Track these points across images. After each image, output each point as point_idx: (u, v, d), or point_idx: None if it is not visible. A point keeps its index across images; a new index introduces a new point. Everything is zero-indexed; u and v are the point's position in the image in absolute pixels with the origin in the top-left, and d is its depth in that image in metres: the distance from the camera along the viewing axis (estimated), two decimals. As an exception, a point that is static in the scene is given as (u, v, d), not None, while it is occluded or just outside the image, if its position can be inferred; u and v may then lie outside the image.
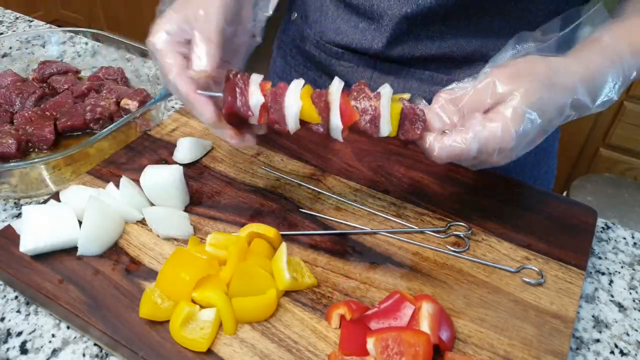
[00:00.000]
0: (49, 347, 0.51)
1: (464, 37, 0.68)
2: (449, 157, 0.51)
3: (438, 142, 0.51)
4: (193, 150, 0.69)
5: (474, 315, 0.52)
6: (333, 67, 0.78)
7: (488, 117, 0.50)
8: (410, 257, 0.58)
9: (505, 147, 0.49)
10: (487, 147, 0.49)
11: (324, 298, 0.53)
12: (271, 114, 0.53)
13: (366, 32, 0.71)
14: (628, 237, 0.67)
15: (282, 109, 0.53)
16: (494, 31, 0.68)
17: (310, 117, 0.53)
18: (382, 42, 0.70)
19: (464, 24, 0.67)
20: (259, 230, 0.57)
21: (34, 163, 0.62)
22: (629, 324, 0.57)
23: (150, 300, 0.49)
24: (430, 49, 0.69)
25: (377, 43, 0.70)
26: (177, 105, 0.87)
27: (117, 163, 0.68)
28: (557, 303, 0.53)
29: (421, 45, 0.69)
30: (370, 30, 0.71)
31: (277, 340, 0.49)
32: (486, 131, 0.49)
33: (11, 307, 0.55)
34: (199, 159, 0.70)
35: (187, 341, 0.47)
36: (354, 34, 0.73)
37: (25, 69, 0.87)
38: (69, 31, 0.92)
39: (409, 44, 0.70)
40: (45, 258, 0.55)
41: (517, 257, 0.58)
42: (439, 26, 0.67)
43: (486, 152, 0.50)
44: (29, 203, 0.67)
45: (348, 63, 0.77)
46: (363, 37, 0.72)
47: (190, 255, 0.53)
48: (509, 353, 0.49)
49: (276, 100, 0.53)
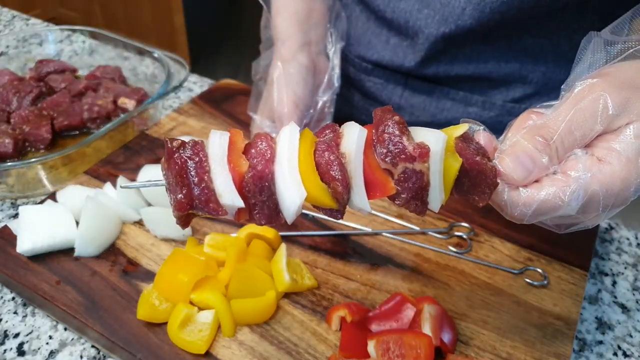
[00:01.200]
0: (46, 348, 0.50)
1: (503, 57, 0.65)
2: (537, 216, 0.37)
3: (521, 197, 0.36)
4: None
5: (476, 317, 0.51)
6: (362, 83, 0.75)
7: (595, 158, 0.35)
8: (411, 258, 0.57)
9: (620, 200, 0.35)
10: (593, 201, 0.35)
11: (324, 300, 0.52)
12: (256, 213, 0.35)
13: (398, 48, 0.68)
14: (631, 238, 0.67)
15: (274, 199, 0.35)
16: (534, 52, 0.65)
17: (320, 201, 0.35)
18: (415, 60, 0.67)
19: (503, 44, 0.64)
20: (257, 231, 0.56)
21: (30, 163, 0.61)
22: (633, 325, 0.56)
23: (148, 301, 0.49)
24: (467, 69, 0.66)
25: (410, 61, 0.67)
26: (175, 105, 0.87)
27: (114, 163, 0.67)
28: (560, 304, 0.53)
29: (457, 65, 0.66)
30: (402, 47, 0.68)
31: (277, 343, 0.48)
32: (595, 180, 0.34)
33: (8, 309, 0.54)
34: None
35: (186, 343, 0.47)
36: (384, 49, 0.70)
37: (22, 68, 0.87)
38: (66, 30, 0.91)
39: (444, 63, 0.67)
40: (42, 259, 0.54)
41: (520, 258, 0.57)
42: (477, 46, 0.64)
43: (592, 208, 0.36)
44: (26, 203, 0.66)
45: (377, 79, 0.73)
46: (394, 54, 0.69)
47: (188, 257, 0.52)
48: (511, 355, 0.48)
49: (262, 188, 0.34)
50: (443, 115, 0.71)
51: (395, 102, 0.73)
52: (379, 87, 0.74)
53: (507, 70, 0.66)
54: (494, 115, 0.69)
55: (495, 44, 0.64)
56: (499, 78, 0.67)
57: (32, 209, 0.56)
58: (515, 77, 0.66)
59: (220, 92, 0.82)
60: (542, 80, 0.67)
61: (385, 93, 0.73)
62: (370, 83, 0.74)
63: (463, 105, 0.70)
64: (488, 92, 0.68)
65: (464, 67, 0.66)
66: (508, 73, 0.66)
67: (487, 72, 0.66)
